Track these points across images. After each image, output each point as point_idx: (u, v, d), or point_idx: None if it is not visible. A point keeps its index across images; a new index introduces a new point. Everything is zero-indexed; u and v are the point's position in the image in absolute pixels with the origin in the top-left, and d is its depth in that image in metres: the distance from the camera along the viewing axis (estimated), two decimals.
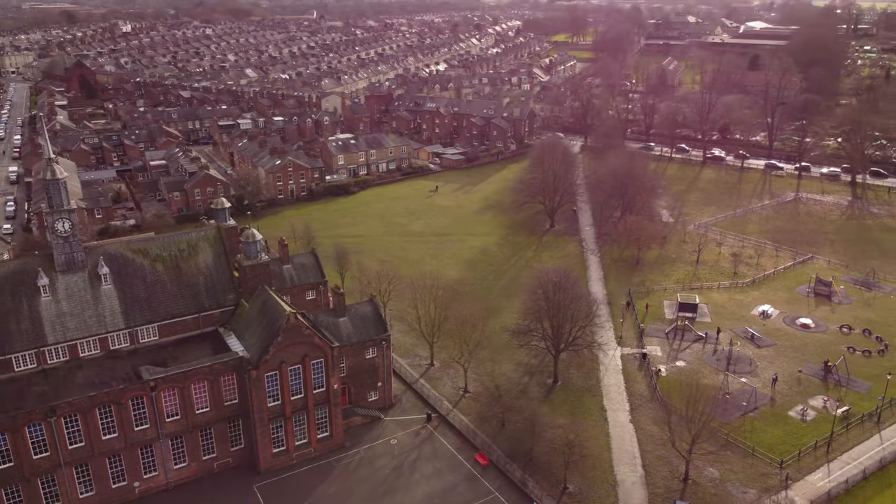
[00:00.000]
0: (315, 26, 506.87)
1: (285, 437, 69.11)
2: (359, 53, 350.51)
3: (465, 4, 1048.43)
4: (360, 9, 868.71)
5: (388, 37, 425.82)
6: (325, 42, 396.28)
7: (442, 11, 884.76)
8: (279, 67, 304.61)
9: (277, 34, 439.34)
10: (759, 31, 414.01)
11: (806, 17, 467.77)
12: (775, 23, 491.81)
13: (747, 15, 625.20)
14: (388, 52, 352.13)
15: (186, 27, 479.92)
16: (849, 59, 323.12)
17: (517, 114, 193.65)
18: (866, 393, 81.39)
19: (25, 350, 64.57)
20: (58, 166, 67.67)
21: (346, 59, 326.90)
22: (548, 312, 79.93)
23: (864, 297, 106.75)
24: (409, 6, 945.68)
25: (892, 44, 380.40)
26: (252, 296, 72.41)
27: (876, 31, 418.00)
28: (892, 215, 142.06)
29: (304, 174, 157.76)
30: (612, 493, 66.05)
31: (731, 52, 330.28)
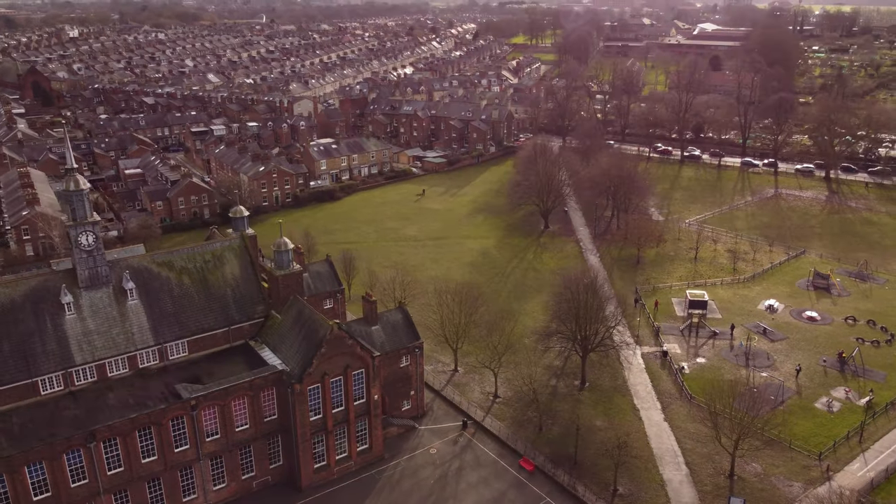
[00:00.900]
0: (270, 30, 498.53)
1: (326, 452, 66.93)
2: (321, 57, 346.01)
3: (414, 8, 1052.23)
4: (310, 13, 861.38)
5: (347, 41, 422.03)
6: (285, 46, 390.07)
7: (392, 15, 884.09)
8: (242, 72, 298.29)
9: (233, 38, 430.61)
10: (712, 32, 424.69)
11: (754, 18, 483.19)
12: (724, 24, 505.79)
13: (694, 17, 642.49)
14: (350, 56, 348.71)
15: (137, 32, 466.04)
16: (800, 59, 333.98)
17: (496, 116, 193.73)
18: (884, 382, 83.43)
19: (52, 372, 60.91)
20: (81, 177, 64.14)
21: (310, 63, 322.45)
22: (576, 314, 79.56)
23: (861, 288, 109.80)
24: (359, 10, 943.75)
25: (838, 44, 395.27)
26: (283, 307, 69.92)
27: (820, 32, 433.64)
28: (870, 209, 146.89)
29: (288, 180, 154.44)
30: (662, 493, 65.94)
31: (689, 53, 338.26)
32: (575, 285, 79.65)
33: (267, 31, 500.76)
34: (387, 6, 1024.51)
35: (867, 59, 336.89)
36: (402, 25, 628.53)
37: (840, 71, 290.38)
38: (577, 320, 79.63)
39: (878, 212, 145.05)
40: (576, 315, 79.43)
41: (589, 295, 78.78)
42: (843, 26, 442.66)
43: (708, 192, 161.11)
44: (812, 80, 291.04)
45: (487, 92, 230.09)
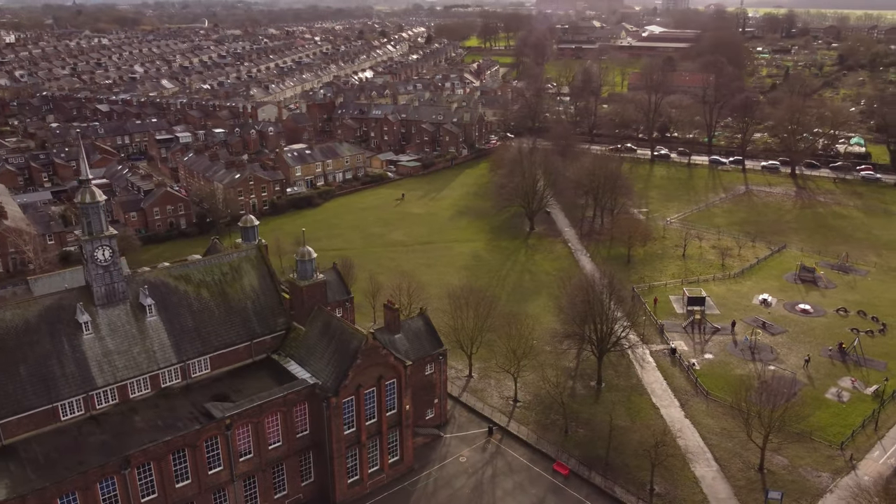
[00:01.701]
0: (218, 35, 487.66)
1: (359, 466, 65.03)
2: (275, 62, 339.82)
3: (359, 12, 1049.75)
4: (253, 17, 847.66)
5: (299, 45, 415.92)
6: (236, 51, 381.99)
7: (337, 19, 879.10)
8: (196, 77, 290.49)
9: (181, 43, 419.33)
10: (660, 34, 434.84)
11: (697, 21, 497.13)
12: (669, 27, 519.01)
13: (636, 20, 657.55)
14: (305, 61, 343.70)
15: (78, 37, 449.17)
16: (747, 59, 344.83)
17: (467, 119, 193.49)
18: (885, 371, 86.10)
19: (73, 396, 57.44)
20: (96, 189, 60.73)
21: (265, 68, 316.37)
22: (592, 315, 79.60)
23: (845, 280, 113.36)
24: (304, 14, 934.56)
25: (780, 45, 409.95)
26: (307, 318, 67.67)
27: (762, 34, 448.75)
28: (839, 203, 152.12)
29: (265, 187, 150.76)
30: (698, 490, 66.33)
31: (642, 55, 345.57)
32: (595, 286, 79.53)
33: (214, 35, 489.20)
34: (330, 10, 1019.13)
35: (810, 59, 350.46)
36: (350, 29, 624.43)
37: (787, 71, 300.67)
38: (593, 321, 79.65)
39: (847, 206, 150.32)
40: (593, 316, 79.44)
41: (606, 295, 78.82)
42: (782, 28, 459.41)
43: (682, 190, 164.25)
44: (761, 79, 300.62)
45: (454, 95, 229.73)
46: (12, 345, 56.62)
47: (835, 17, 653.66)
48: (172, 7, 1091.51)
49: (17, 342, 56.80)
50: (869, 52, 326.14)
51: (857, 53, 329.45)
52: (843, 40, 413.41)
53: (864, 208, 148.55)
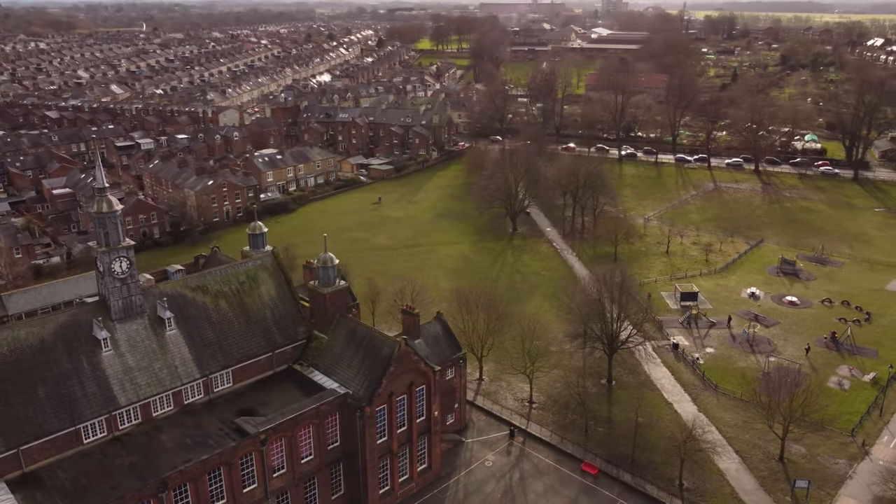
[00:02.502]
0: (161, 39, 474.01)
1: (390, 476, 63.49)
2: (227, 66, 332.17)
3: (301, 15, 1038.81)
4: (192, 20, 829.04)
5: (248, 48, 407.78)
6: (184, 55, 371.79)
7: (279, 22, 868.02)
8: (147, 82, 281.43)
9: (125, 47, 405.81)
10: (608, 36, 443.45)
11: (641, 23, 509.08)
12: (613, 29, 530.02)
13: (579, 22, 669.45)
14: (258, 64, 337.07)
15: (13, 41, 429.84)
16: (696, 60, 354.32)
17: (436, 121, 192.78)
18: (878, 359, 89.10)
19: (96, 417, 54.26)
20: (113, 198, 57.61)
21: (217, 72, 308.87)
22: (603, 313, 79.92)
23: (823, 272, 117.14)
24: (245, 17, 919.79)
25: (723, 46, 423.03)
26: (329, 326, 65.70)
27: (705, 35, 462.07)
28: (805, 197, 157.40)
29: (238, 194, 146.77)
30: (724, 483, 67.12)
31: (596, 56, 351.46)
32: (608, 284, 79.87)
33: (156, 39, 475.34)
34: (271, 13, 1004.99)
35: (754, 59, 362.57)
36: (295, 33, 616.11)
37: (735, 71, 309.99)
38: (606, 319, 79.97)
39: (812, 200, 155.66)
40: (604, 314, 79.76)
41: (620, 293, 79.27)
42: (722, 30, 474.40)
43: (653, 188, 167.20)
44: (710, 80, 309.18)
45: (418, 97, 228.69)
46: (29, 365, 53.17)
47: (767, 19, 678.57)
48: (105, 10, 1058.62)
49: (33, 362, 53.36)
50: (810, 53, 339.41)
51: (798, 54, 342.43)
52: (781, 41, 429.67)
53: (829, 202, 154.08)
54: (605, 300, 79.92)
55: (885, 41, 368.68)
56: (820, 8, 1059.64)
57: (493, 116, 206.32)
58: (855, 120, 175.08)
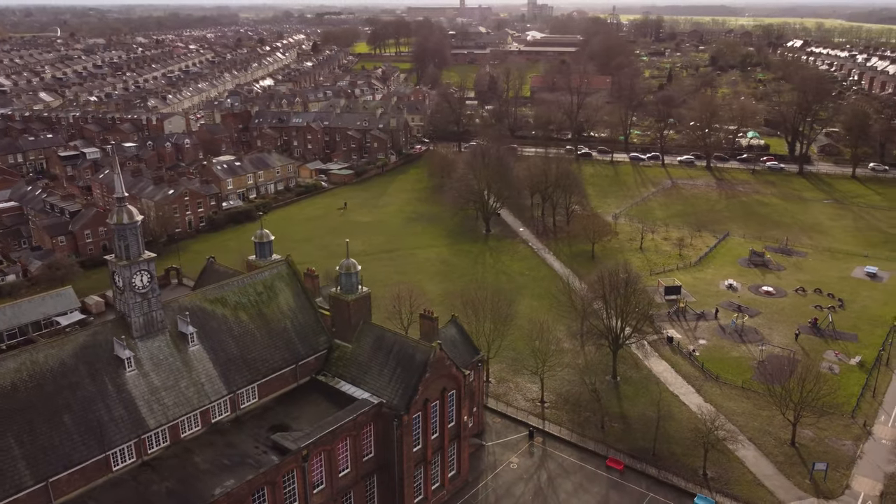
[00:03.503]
0: (84, 44, 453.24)
1: (423, 484, 62.08)
2: (160, 72, 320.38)
3: (224, 20, 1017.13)
4: (110, 25, 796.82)
5: (178, 53, 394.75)
6: (112, 60, 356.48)
7: (202, 27, 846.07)
8: (78, 89, 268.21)
9: (46, 53, 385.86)
10: (542, 39, 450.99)
11: (574, 26, 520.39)
12: (543, 32, 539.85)
13: (508, 25, 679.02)
14: (193, 70, 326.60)
15: None
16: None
17: (394, 124, 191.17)
18: (859, 342, 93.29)
19: (125, 442, 50.83)
20: (132, 208, 54.18)
21: (152, 78, 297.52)
22: (607, 310, 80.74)
23: (790, 262, 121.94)
24: (166, 22, 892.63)
25: (653, 48, 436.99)
26: (352, 335, 63.72)
27: (635, 38, 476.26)
28: (757, 192, 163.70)
29: (201, 203, 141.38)
30: (745, 471, 68.61)
31: (536, 59, 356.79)
32: (614, 281, 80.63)
33: (78, 45, 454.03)
34: (193, 18, 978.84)
35: (685, 60, 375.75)
36: (223, 37, 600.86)
37: (669, 72, 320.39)
38: (614, 316, 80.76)
39: (765, 194, 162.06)
40: (614, 310, 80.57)
41: (628, 290, 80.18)
42: (651, 32, 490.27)
43: (614, 186, 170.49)
44: (646, 81, 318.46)
45: (369, 101, 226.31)
46: (51, 390, 49.35)
47: (687, 23, 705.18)
48: (14, 14, 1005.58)
49: (55, 387, 49.58)
50: (738, 55, 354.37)
51: (726, 55, 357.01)
52: (707, 43, 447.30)
53: (781, 195, 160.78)
54: (612, 296, 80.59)
55: (804, 42, 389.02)
56: (732, 11, 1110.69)
57: (448, 119, 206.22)
58: (797, 117, 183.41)
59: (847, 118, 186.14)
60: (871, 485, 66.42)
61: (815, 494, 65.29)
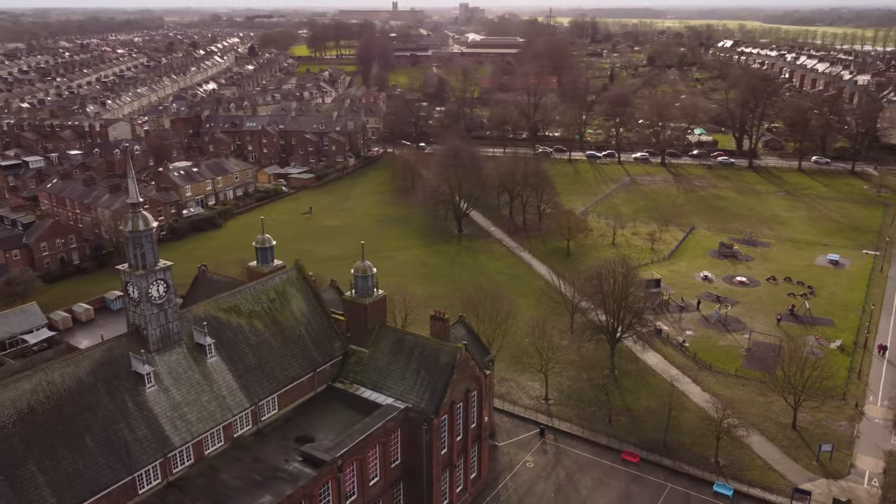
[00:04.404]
0: (2, 49, 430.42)
1: (449, 488, 60.89)
2: (94, 76, 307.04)
3: (150, 23, 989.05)
4: (27, 28, 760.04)
5: (108, 57, 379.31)
6: (40, 65, 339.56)
7: (128, 31, 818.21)
8: (5, 96, 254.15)
9: None
10: (482, 41, 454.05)
11: (510, 28, 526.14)
12: (481, 34, 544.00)
13: (444, 27, 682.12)
14: (129, 74, 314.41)
15: None
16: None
17: (351, 127, 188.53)
18: (835, 327, 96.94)
19: (151, 463, 47.83)
20: (147, 214, 51.07)
21: (87, 84, 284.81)
22: (612, 304, 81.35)
23: (757, 252, 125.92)
24: (88, 25, 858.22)
25: (590, 49, 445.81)
26: (369, 339, 61.96)
27: (573, 39, 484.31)
28: (714, 186, 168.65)
29: (161, 210, 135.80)
30: (755, 456, 70.04)
31: (480, 60, 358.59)
32: (613, 275, 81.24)
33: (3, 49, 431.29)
34: (115, 22, 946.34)
35: (624, 61, 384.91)
36: (151, 41, 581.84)
37: (611, 72, 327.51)
38: (612, 310, 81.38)
39: (721, 188, 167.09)
40: (612, 305, 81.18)
41: (625, 284, 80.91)
42: (587, 34, 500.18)
43: (575, 184, 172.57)
44: (588, 81, 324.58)
45: (322, 104, 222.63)
46: (70, 412, 45.99)
47: (616, 24, 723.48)
48: None
49: (74, 408, 46.23)
50: (673, 55, 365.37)
51: (663, 55, 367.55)
52: (641, 44, 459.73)
53: (736, 189, 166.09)
54: (610, 290, 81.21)
55: (734, 42, 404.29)
56: (655, 14, 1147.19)
57: (404, 121, 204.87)
58: (743, 113, 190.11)
59: (789, 114, 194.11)
60: (874, 463, 68.87)
61: (824, 475, 67.20)
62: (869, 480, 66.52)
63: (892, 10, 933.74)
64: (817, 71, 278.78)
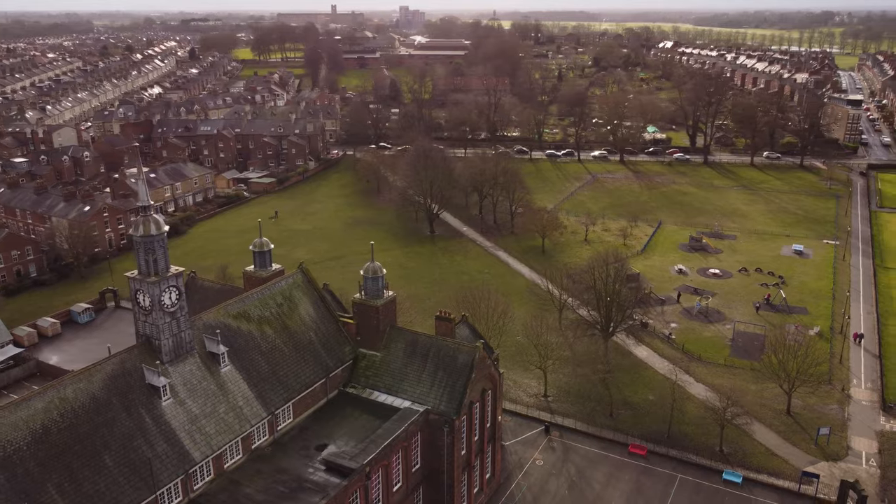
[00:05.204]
0: None
1: (467, 490, 59.83)
2: (29, 81, 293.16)
3: (79, 27, 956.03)
4: None
5: (39, 62, 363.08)
6: None
7: (56, 34, 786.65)
8: None
9: None
10: (429, 43, 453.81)
11: (456, 30, 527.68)
12: (425, 36, 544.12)
13: (383, 30, 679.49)
14: (65, 79, 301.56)
15: None
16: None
17: (311, 129, 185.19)
18: (810, 314, 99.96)
19: (172, 480, 45.21)
20: (159, 217, 48.34)
21: (22, 89, 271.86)
22: (606, 301, 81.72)
23: (724, 245, 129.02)
24: (11, 29, 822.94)
25: (535, 50, 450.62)
26: (380, 341, 60.34)
27: (518, 41, 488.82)
28: (673, 182, 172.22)
29: (121, 219, 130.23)
30: (756, 443, 71.31)
31: (430, 62, 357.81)
32: (603, 274, 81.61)
33: None
34: (42, 25, 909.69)
35: (569, 62, 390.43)
36: (82, 45, 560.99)
37: (559, 73, 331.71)
38: (606, 306, 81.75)
39: (680, 184, 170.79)
40: (605, 301, 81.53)
41: (618, 281, 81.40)
42: (530, 35, 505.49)
43: (539, 182, 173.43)
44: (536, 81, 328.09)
45: (277, 107, 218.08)
46: (87, 430, 43.06)
47: (555, 27, 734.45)
48: None
49: (91, 425, 43.32)
50: (618, 56, 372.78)
51: (608, 56, 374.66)
52: (584, 46, 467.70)
53: (695, 184, 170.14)
54: (603, 285, 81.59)
55: (674, 43, 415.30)
56: (591, 17, 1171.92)
57: (362, 123, 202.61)
58: (696, 111, 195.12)
59: (738, 112, 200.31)
60: (868, 443, 71.04)
61: (824, 458, 68.93)
62: (867, 461, 68.53)
63: (813, 12, 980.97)
64: (758, 70, 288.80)
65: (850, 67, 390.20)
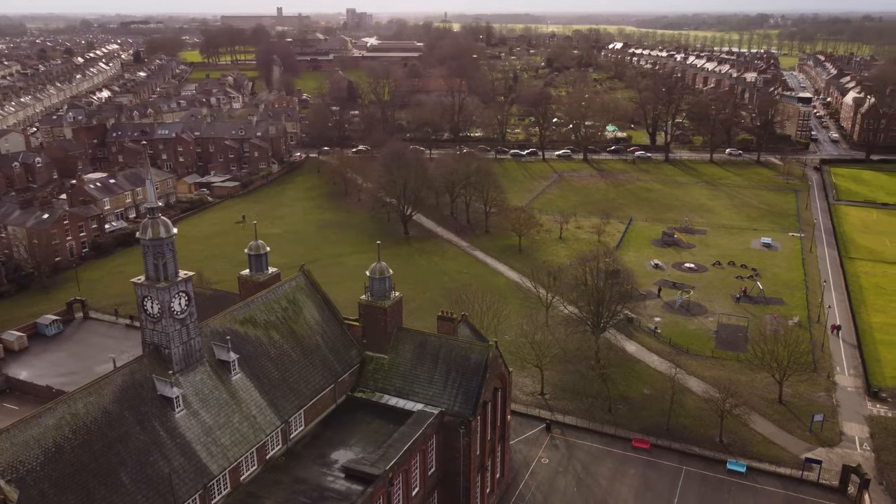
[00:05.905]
0: None
1: (480, 491, 58.86)
2: None
3: (10, 30, 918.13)
4: None
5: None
6: None
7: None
8: None
9: None
10: (382, 45, 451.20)
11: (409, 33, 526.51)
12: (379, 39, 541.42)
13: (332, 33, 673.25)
14: (4, 83, 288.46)
15: None
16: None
17: (273, 132, 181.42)
18: (786, 305, 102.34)
19: (191, 495, 42.97)
20: (168, 220, 45.93)
21: None
22: (598, 298, 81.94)
23: (696, 239, 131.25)
24: None
25: (488, 52, 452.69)
26: (388, 344, 58.90)
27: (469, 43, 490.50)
28: (638, 179, 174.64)
29: (82, 226, 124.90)
30: (754, 432, 72.35)
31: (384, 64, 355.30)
32: (595, 271, 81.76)
33: None
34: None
35: (523, 63, 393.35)
36: (17, 48, 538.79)
37: (515, 74, 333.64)
38: (598, 303, 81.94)
39: (645, 181, 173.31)
40: (597, 298, 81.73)
41: (610, 278, 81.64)
42: (482, 38, 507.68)
43: (506, 182, 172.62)
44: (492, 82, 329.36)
45: (235, 110, 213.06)
46: (100, 446, 40.52)
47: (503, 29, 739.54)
48: None
49: (105, 441, 40.80)
50: (570, 57, 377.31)
51: (561, 58, 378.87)
52: (535, 47, 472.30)
53: (659, 181, 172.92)
54: (595, 281, 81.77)
55: (624, 44, 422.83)
56: (536, 20, 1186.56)
57: (323, 125, 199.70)
58: (655, 110, 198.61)
59: (694, 111, 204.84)
60: (859, 428, 72.86)
61: (820, 444, 70.35)
62: (860, 445, 70.20)
63: (749, 14, 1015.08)
64: (708, 69, 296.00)
65: (790, 67, 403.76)
